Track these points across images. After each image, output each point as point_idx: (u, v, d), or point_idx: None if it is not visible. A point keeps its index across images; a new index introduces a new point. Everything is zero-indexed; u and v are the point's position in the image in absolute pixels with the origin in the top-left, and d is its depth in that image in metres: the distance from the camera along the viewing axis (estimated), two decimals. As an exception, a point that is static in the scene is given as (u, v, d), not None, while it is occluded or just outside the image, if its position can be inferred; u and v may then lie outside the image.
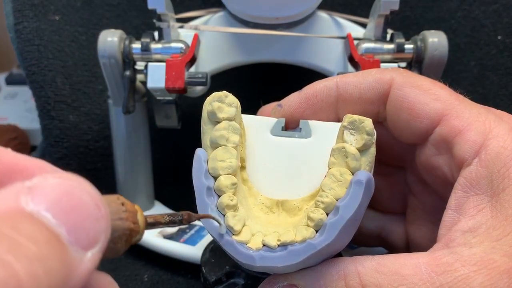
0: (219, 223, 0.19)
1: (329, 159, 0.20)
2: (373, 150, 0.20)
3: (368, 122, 0.20)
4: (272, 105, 0.26)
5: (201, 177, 0.20)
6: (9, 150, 0.14)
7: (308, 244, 0.19)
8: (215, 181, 0.20)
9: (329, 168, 0.20)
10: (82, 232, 0.12)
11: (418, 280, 0.18)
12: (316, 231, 0.19)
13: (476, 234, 0.18)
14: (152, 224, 0.17)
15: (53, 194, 0.12)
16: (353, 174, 0.19)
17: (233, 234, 0.20)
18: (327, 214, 0.19)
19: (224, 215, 0.20)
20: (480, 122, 0.20)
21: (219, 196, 0.20)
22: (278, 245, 0.19)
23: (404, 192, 0.28)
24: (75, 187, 0.13)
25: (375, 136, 0.20)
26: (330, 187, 0.19)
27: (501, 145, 0.19)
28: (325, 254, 0.19)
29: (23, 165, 0.14)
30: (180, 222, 0.18)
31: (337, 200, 0.19)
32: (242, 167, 0.22)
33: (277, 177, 0.22)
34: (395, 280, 0.18)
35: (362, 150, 0.20)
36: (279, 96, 0.26)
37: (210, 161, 0.21)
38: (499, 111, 0.22)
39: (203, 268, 0.25)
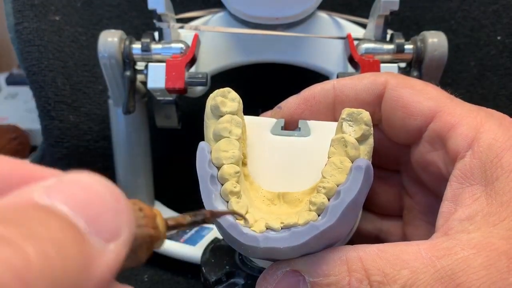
0: (243, 217, 0.19)
1: (329, 149, 0.21)
2: (371, 140, 0.21)
3: (365, 114, 0.20)
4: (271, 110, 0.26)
5: (204, 165, 0.21)
6: (26, 161, 0.14)
7: (311, 226, 0.19)
8: (218, 171, 0.21)
9: (329, 158, 0.20)
10: (102, 224, 0.12)
11: (420, 264, 0.18)
12: (318, 215, 0.19)
13: (473, 221, 0.19)
14: (173, 227, 0.16)
15: (69, 189, 0.12)
16: (352, 162, 0.20)
17: (237, 219, 0.20)
18: (329, 199, 0.19)
19: (227, 202, 0.20)
20: (471, 118, 0.21)
21: (222, 185, 0.21)
22: (281, 228, 0.20)
23: (400, 194, 0.28)
24: (92, 182, 0.13)
25: (372, 128, 0.21)
26: (331, 174, 0.20)
27: (493, 137, 0.20)
28: (327, 238, 0.19)
29: (40, 175, 0.14)
30: (203, 221, 0.16)
31: (337, 186, 0.20)
32: (244, 163, 0.23)
33: (278, 173, 0.23)
34: (397, 264, 0.18)
35: (361, 140, 0.20)
36: (279, 97, 0.26)
37: (213, 151, 0.21)
38: (489, 109, 0.22)
39: (203, 268, 0.25)
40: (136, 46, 0.32)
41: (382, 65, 0.31)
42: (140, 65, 0.33)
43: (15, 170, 0.14)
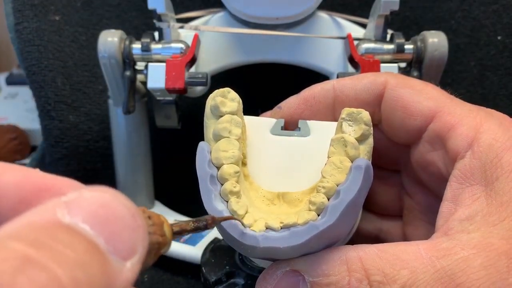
0: (242, 224, 0.20)
1: (328, 149, 0.21)
2: (370, 140, 0.21)
3: (365, 113, 0.20)
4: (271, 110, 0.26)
5: (204, 165, 0.21)
6: (37, 170, 0.15)
7: (311, 225, 0.19)
8: (218, 171, 0.21)
9: (329, 157, 0.20)
10: (120, 242, 0.12)
11: (419, 264, 0.18)
12: (318, 215, 0.19)
13: (473, 221, 0.19)
14: (178, 233, 0.16)
15: (89, 206, 0.12)
16: (352, 162, 0.20)
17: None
18: (328, 199, 0.19)
19: (227, 202, 0.20)
20: (471, 118, 0.21)
21: (222, 185, 0.21)
22: (281, 227, 0.20)
23: (400, 194, 0.29)
24: (110, 199, 0.13)
25: (372, 128, 0.21)
26: (331, 174, 0.20)
27: (492, 137, 0.20)
28: (327, 238, 0.19)
29: (51, 183, 0.14)
30: (205, 227, 0.17)
31: (337, 186, 0.20)
32: (243, 163, 0.23)
33: (278, 173, 0.23)
34: (397, 264, 0.18)
35: (360, 140, 0.20)
36: (279, 97, 0.26)
37: (213, 151, 0.21)
38: (489, 109, 0.22)
39: (203, 268, 0.25)
40: (136, 46, 0.32)
41: (382, 65, 0.31)
42: (140, 65, 0.33)
43: (27, 179, 0.14)
